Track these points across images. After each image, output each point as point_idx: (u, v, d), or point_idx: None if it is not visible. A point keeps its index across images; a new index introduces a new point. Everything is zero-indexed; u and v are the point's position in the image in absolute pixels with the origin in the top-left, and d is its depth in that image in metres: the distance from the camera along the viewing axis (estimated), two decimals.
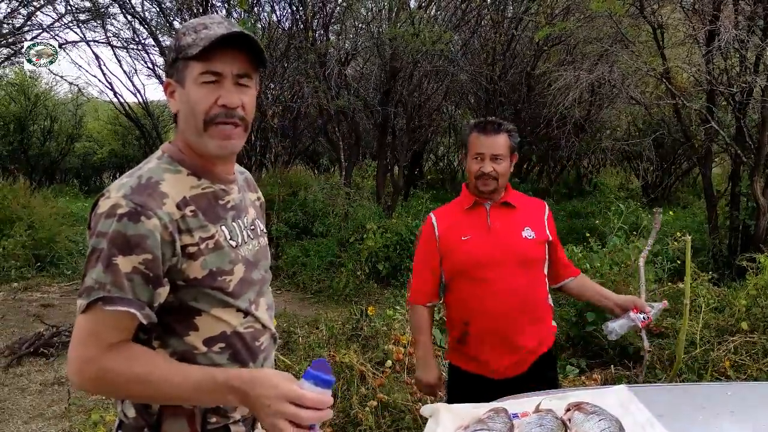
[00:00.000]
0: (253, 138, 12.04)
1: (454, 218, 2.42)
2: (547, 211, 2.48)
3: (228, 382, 1.20)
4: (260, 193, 1.67)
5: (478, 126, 2.37)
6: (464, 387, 2.34)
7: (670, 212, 7.99)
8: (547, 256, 2.41)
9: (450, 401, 2.28)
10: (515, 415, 1.67)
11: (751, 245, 6.01)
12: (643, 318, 2.28)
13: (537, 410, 1.66)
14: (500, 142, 2.33)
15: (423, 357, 2.47)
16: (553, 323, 2.49)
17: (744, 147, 6.40)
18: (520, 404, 1.75)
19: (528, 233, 2.34)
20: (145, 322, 1.23)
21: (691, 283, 3.38)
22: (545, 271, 2.43)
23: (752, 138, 6.42)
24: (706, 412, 1.74)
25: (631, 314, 2.29)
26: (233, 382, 1.20)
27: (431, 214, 2.50)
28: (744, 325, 4.02)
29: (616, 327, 2.30)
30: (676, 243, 5.91)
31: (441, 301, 2.51)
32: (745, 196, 6.59)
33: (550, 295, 2.46)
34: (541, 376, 2.29)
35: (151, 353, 1.27)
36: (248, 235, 1.45)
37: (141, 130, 12.68)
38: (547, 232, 2.41)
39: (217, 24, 1.33)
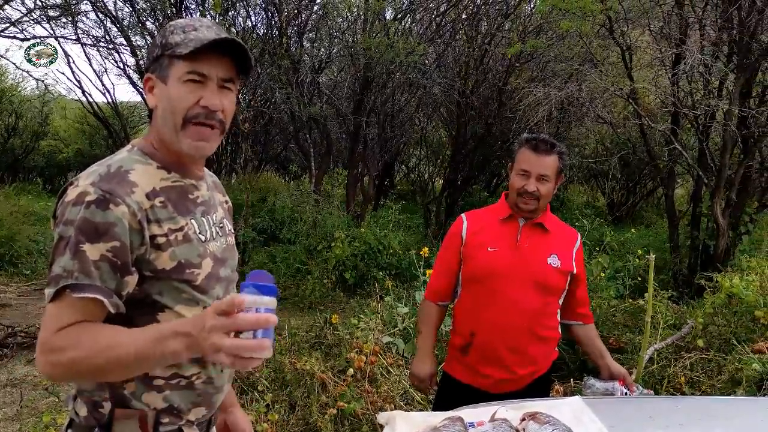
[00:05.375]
0: (223, 142, 11.96)
1: (486, 225, 2.40)
2: (578, 244, 2.44)
3: (172, 328, 1.15)
4: (227, 197, 1.68)
5: (529, 142, 2.31)
6: (455, 398, 2.25)
7: (632, 230, 8.14)
8: (566, 288, 2.39)
9: (436, 410, 2.26)
10: (471, 424, 1.68)
11: (710, 265, 6.14)
12: (625, 393, 2.29)
13: (492, 419, 1.67)
14: (549, 163, 2.28)
15: (421, 349, 2.48)
16: (556, 349, 2.48)
17: (706, 169, 6.55)
18: (477, 413, 1.75)
19: (553, 260, 2.31)
20: (113, 310, 1.21)
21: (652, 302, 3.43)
22: (560, 302, 2.40)
23: (714, 160, 6.58)
24: (657, 423, 1.77)
25: (616, 384, 2.31)
26: (177, 327, 1.14)
27: (463, 215, 2.48)
28: (700, 343, 4.10)
29: (596, 386, 2.33)
30: (638, 260, 6.03)
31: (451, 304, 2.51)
32: (706, 217, 6.74)
33: (560, 326, 2.45)
34: (535, 396, 2.24)
35: (97, 325, 1.22)
36: (217, 232, 1.45)
37: (109, 130, 12.44)
38: (573, 264, 2.37)
39: (206, 27, 1.34)
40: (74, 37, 10.60)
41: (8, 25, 9.73)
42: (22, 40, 9.90)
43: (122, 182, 1.25)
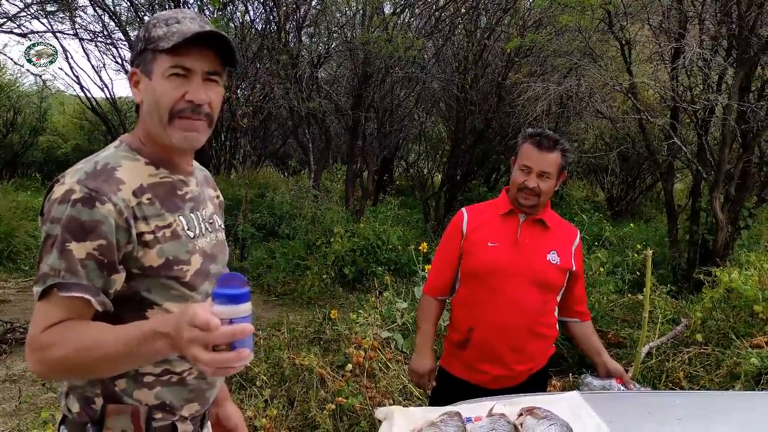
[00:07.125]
0: (222, 138, 11.97)
1: (486, 219, 2.39)
2: (577, 240, 2.43)
3: (153, 328, 1.12)
4: (219, 192, 1.67)
5: (533, 138, 2.30)
6: (452, 393, 2.24)
7: (631, 225, 8.14)
8: (564, 285, 2.38)
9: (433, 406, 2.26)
10: (469, 419, 1.68)
11: (709, 260, 6.14)
12: (623, 391, 2.30)
13: (490, 414, 1.67)
14: (551, 160, 2.27)
15: (420, 345, 2.47)
16: (553, 345, 2.48)
17: (705, 164, 6.54)
18: (474, 408, 1.75)
19: (553, 257, 2.31)
20: (100, 309, 1.21)
21: (650, 296, 3.44)
22: (558, 299, 2.40)
23: (713, 155, 6.57)
24: (655, 419, 1.77)
25: (614, 382, 2.32)
26: (158, 327, 1.11)
27: (463, 209, 2.47)
28: (698, 337, 4.10)
29: (593, 383, 2.33)
30: (637, 255, 6.02)
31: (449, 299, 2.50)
32: (705, 212, 6.74)
33: (557, 323, 2.45)
34: (531, 392, 2.24)
35: (83, 322, 1.21)
36: (206, 228, 1.44)
37: (107, 125, 12.44)
38: (573, 261, 2.37)
39: (189, 19, 1.32)
40: (72, 32, 10.60)
41: (6, 20, 9.70)
42: (20, 35, 9.87)
43: (109, 180, 1.25)
